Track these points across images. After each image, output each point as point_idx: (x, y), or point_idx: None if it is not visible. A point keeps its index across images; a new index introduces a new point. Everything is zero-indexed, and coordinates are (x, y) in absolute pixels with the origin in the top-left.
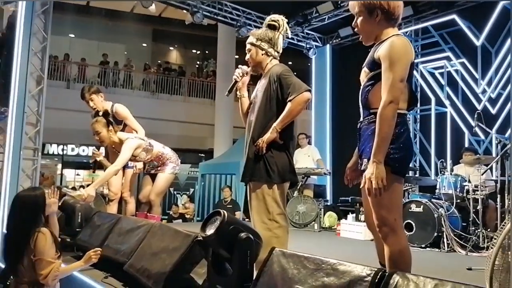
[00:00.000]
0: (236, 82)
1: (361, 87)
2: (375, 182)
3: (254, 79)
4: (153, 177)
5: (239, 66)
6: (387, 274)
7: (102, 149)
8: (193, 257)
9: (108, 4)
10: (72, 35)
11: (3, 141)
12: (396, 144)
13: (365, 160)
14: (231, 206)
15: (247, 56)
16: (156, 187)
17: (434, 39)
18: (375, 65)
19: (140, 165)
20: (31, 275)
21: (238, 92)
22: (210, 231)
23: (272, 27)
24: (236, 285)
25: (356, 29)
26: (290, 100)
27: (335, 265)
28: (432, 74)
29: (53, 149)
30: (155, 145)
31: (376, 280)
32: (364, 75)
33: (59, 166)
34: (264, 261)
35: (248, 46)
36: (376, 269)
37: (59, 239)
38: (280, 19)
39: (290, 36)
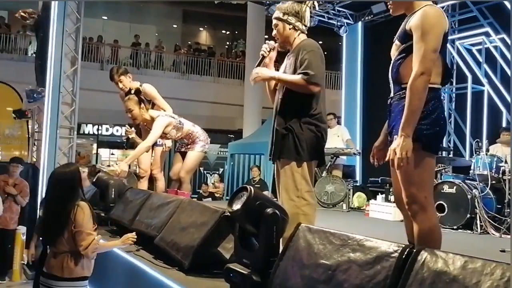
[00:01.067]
0: (263, 57)
1: (392, 61)
2: (399, 153)
3: (282, 56)
4: (183, 155)
5: (266, 41)
6: (415, 250)
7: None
8: (220, 232)
9: None
10: (105, 17)
11: (41, 120)
12: (427, 119)
13: (395, 137)
14: (259, 185)
15: (274, 32)
16: (186, 165)
17: (472, 13)
18: (407, 37)
19: (169, 143)
20: (71, 246)
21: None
22: (236, 206)
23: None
24: (262, 260)
25: (388, 2)
26: (304, 73)
27: (361, 241)
28: (469, 51)
29: (89, 129)
30: (185, 123)
31: (404, 256)
32: (395, 49)
33: (95, 145)
34: (290, 236)
35: (274, 21)
36: (403, 245)
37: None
38: None
39: (317, 9)
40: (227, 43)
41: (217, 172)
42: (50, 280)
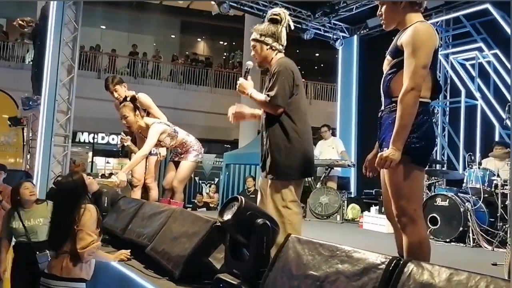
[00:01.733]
0: (247, 71)
1: (384, 75)
2: (384, 162)
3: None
4: (177, 164)
5: (247, 63)
6: (401, 262)
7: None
8: (211, 242)
9: None
10: (103, 27)
11: (36, 128)
12: (417, 133)
13: (385, 149)
14: (254, 196)
15: (252, 53)
16: (179, 174)
17: (466, 29)
18: (398, 52)
19: (163, 152)
20: (73, 246)
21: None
22: (227, 216)
23: (274, 21)
24: (252, 270)
25: (380, 18)
26: (267, 95)
27: (349, 253)
28: (463, 66)
29: (84, 137)
30: (180, 132)
31: (391, 268)
32: (386, 63)
33: (90, 154)
34: (280, 247)
35: (252, 43)
36: (390, 257)
37: None
38: (282, 12)
39: (293, 28)
40: (225, 53)
41: (212, 182)
42: (49, 279)
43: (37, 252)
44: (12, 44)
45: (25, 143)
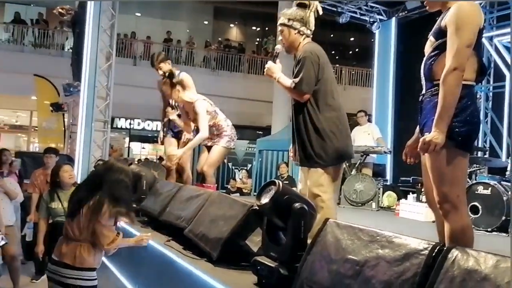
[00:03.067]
0: (277, 54)
1: (425, 57)
2: (428, 145)
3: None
4: (209, 149)
5: (276, 47)
6: (445, 248)
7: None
8: (248, 225)
9: None
10: (138, 14)
11: (76, 113)
12: (460, 117)
13: (427, 134)
14: (287, 182)
15: (280, 37)
16: (210, 158)
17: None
18: (441, 33)
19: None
20: (88, 235)
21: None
22: (265, 200)
23: (302, 5)
24: (290, 254)
25: None
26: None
27: (390, 238)
28: (508, 49)
29: (121, 123)
30: (220, 114)
31: (434, 254)
32: (429, 45)
33: (127, 139)
34: (318, 231)
35: (279, 28)
36: (433, 243)
37: None
38: None
39: (321, 13)
40: (257, 39)
41: (245, 168)
42: (60, 267)
43: None
44: (52, 32)
45: (66, 128)
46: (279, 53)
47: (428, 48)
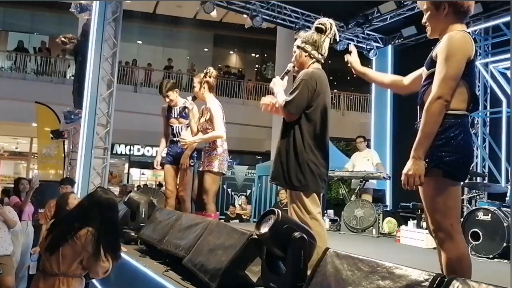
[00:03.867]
0: (288, 72)
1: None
2: (411, 180)
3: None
4: (202, 175)
5: (289, 64)
6: (446, 279)
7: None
8: (248, 254)
9: (172, 11)
10: (140, 42)
11: (76, 140)
12: (448, 146)
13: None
14: (287, 208)
15: (293, 58)
16: (205, 188)
17: (506, 37)
18: (433, 63)
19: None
20: (67, 268)
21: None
22: (264, 229)
23: (319, 30)
24: (290, 284)
25: (426, 24)
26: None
27: (391, 269)
28: (504, 75)
29: (121, 149)
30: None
31: (435, 286)
32: (423, 75)
33: (126, 165)
34: (318, 261)
35: (294, 48)
36: (434, 274)
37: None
38: (328, 22)
39: (338, 40)
40: (257, 66)
41: (245, 193)
42: None
43: None
44: (54, 60)
45: (66, 155)
46: (289, 71)
47: (422, 78)
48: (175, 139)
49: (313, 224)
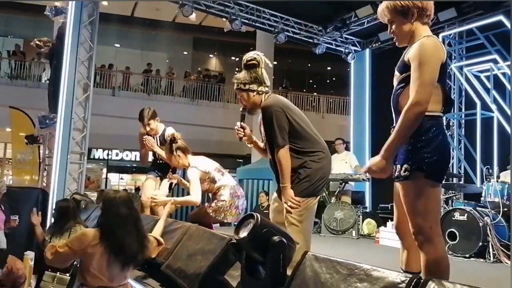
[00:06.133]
0: (241, 138)
1: (393, 91)
2: (371, 173)
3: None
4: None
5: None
6: (422, 281)
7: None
8: (227, 259)
9: (151, 14)
10: (118, 45)
11: (52, 145)
12: (429, 147)
13: (398, 166)
14: (268, 211)
15: (240, 102)
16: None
17: (480, 41)
18: (405, 67)
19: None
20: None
21: (249, 145)
22: (243, 234)
23: (251, 66)
24: None
25: (393, 35)
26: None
27: (368, 271)
28: (478, 78)
29: (99, 154)
30: (221, 180)
31: (411, 287)
32: (395, 79)
33: (104, 170)
34: (297, 265)
35: (237, 92)
36: (411, 276)
37: None
38: (256, 55)
39: (271, 66)
40: (237, 69)
41: None
42: None
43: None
44: (29, 64)
45: (41, 161)
46: (245, 115)
47: (395, 82)
48: (160, 162)
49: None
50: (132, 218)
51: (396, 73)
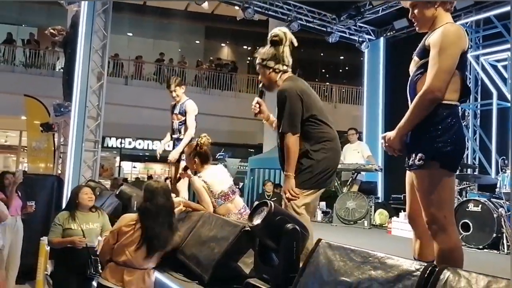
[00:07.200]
0: (256, 114)
1: (410, 76)
2: (386, 147)
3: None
4: None
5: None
6: (437, 269)
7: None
8: (240, 246)
9: (163, 3)
10: (130, 34)
11: (67, 133)
12: (445, 137)
13: (413, 155)
14: (275, 199)
15: (260, 76)
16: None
17: (497, 29)
18: (425, 52)
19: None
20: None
21: (265, 122)
22: (257, 221)
23: (274, 43)
24: (282, 276)
25: (414, 20)
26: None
27: (382, 259)
28: (494, 67)
29: (112, 142)
30: (223, 205)
31: (426, 275)
32: (413, 64)
33: (117, 158)
34: (310, 252)
35: (257, 67)
36: (425, 264)
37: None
38: (281, 32)
39: (296, 45)
40: (249, 58)
41: (237, 186)
42: None
43: (92, 256)
44: (43, 52)
45: (56, 149)
46: (264, 91)
47: (412, 67)
48: (174, 135)
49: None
50: (167, 209)
51: (415, 58)
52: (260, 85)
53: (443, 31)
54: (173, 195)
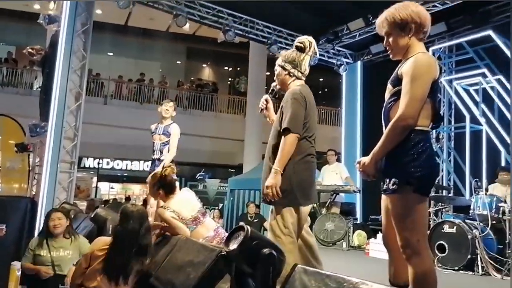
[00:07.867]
0: (262, 110)
1: (384, 103)
2: (361, 170)
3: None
4: None
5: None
6: None
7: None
8: (217, 271)
9: (145, 23)
10: (111, 53)
11: (42, 154)
12: (417, 162)
13: (387, 180)
14: (257, 220)
15: (275, 76)
16: None
17: (469, 55)
18: (399, 81)
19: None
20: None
21: (267, 119)
22: (233, 246)
23: (299, 48)
24: None
25: (388, 48)
26: (282, 134)
27: (357, 284)
28: (467, 91)
29: (89, 162)
30: (202, 225)
31: None
32: (388, 92)
33: (95, 179)
34: (286, 278)
35: (275, 66)
36: None
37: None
38: (307, 40)
39: (318, 56)
40: (229, 79)
41: (217, 207)
42: None
43: (60, 286)
44: (20, 71)
45: (30, 169)
46: (274, 90)
47: (387, 94)
48: (153, 156)
49: (287, 240)
50: (137, 234)
51: (389, 86)
52: (273, 84)
53: (414, 61)
54: (150, 219)
